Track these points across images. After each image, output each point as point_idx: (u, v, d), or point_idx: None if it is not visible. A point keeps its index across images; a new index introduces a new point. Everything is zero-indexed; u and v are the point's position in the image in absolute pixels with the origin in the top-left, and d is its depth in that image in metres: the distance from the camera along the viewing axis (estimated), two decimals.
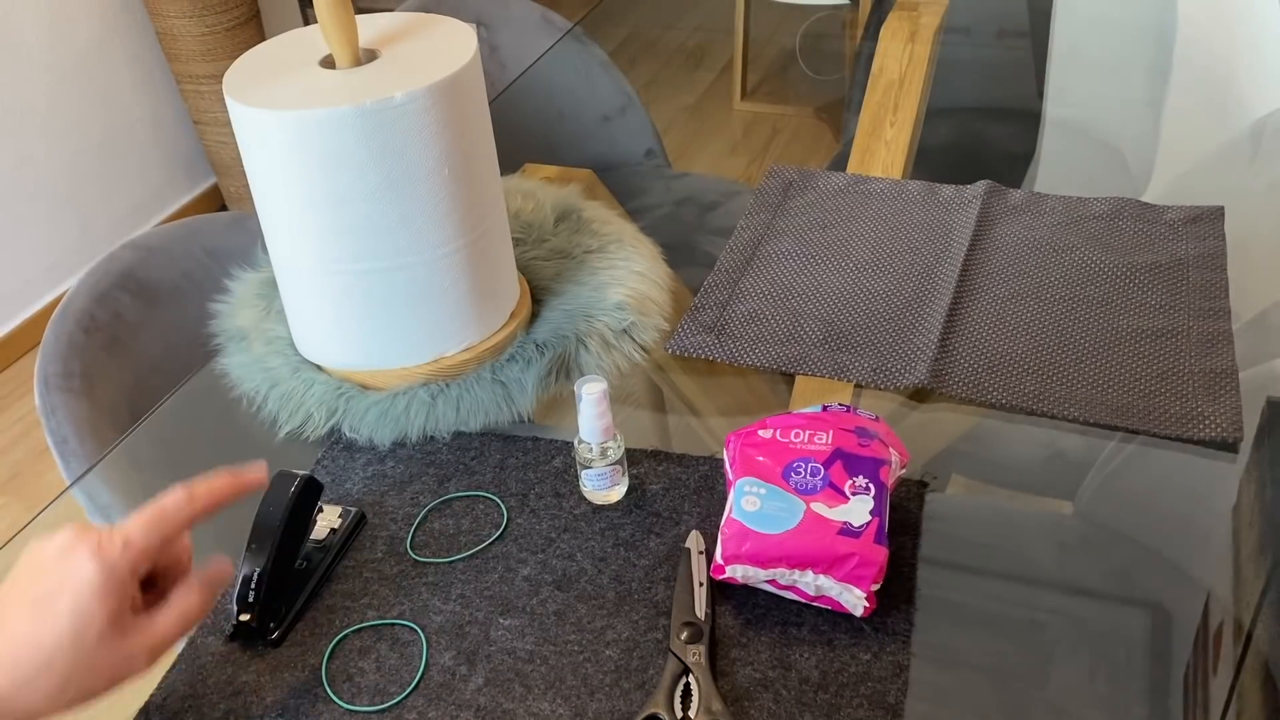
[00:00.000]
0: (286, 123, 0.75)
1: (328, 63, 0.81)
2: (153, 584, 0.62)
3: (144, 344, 1.11)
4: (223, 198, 2.88)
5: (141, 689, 0.68)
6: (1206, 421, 0.80)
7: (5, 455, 2.18)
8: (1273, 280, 1.01)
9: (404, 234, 0.80)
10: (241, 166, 0.80)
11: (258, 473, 0.64)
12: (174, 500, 0.60)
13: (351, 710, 0.65)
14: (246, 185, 0.82)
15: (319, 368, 0.89)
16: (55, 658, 0.54)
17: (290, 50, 0.84)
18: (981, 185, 1.11)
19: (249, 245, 1.07)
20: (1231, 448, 0.79)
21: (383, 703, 0.65)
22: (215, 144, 2.72)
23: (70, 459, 0.96)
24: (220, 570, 0.63)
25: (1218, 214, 1.04)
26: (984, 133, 1.56)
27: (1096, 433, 0.83)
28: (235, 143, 0.81)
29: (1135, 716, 0.64)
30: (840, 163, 1.27)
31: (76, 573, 0.55)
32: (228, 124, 2.57)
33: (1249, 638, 0.67)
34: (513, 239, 0.94)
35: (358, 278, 0.82)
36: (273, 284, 0.96)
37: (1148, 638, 0.68)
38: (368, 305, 0.83)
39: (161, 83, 2.72)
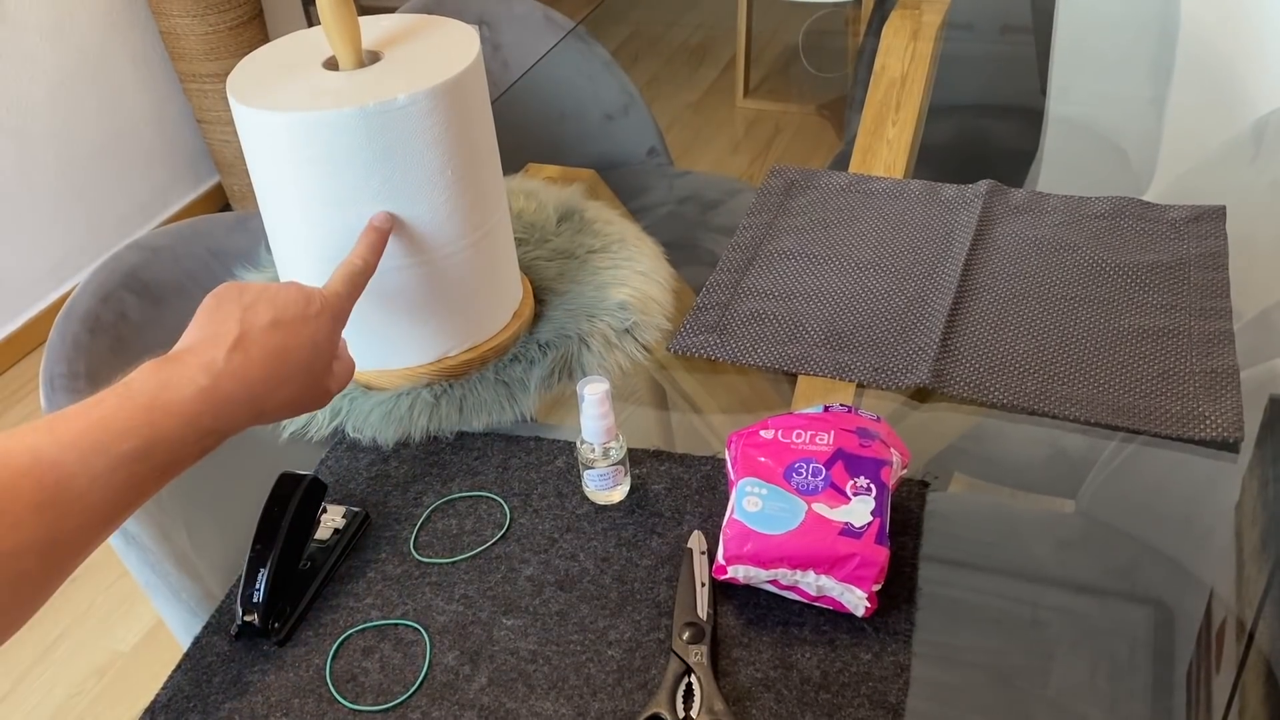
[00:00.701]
0: (290, 124, 0.76)
1: (331, 64, 0.82)
2: None
3: (149, 344, 1.11)
4: (226, 196, 2.89)
5: (147, 689, 0.68)
6: (1207, 422, 0.81)
7: None
8: (1274, 279, 1.01)
9: (407, 235, 0.81)
10: (245, 165, 0.81)
11: (385, 220, 0.79)
12: (353, 265, 0.75)
13: (356, 710, 0.65)
14: (250, 184, 0.83)
15: None
16: (299, 373, 0.67)
17: (293, 52, 0.84)
18: (983, 185, 1.11)
19: (253, 246, 1.07)
20: (1232, 448, 0.80)
21: (386, 702, 0.66)
22: (219, 143, 2.72)
23: None
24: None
25: (1219, 213, 1.04)
26: (987, 130, 1.56)
27: (1098, 431, 0.83)
28: (239, 141, 0.81)
29: (1137, 715, 0.64)
30: (843, 161, 1.28)
31: (317, 320, 0.69)
32: (231, 123, 2.57)
33: (1251, 636, 0.67)
34: (515, 239, 0.95)
35: None
36: None
37: (1150, 636, 0.68)
38: (371, 305, 0.84)
39: (165, 82, 2.72)
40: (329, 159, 0.76)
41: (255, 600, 0.69)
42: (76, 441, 0.57)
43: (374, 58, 0.82)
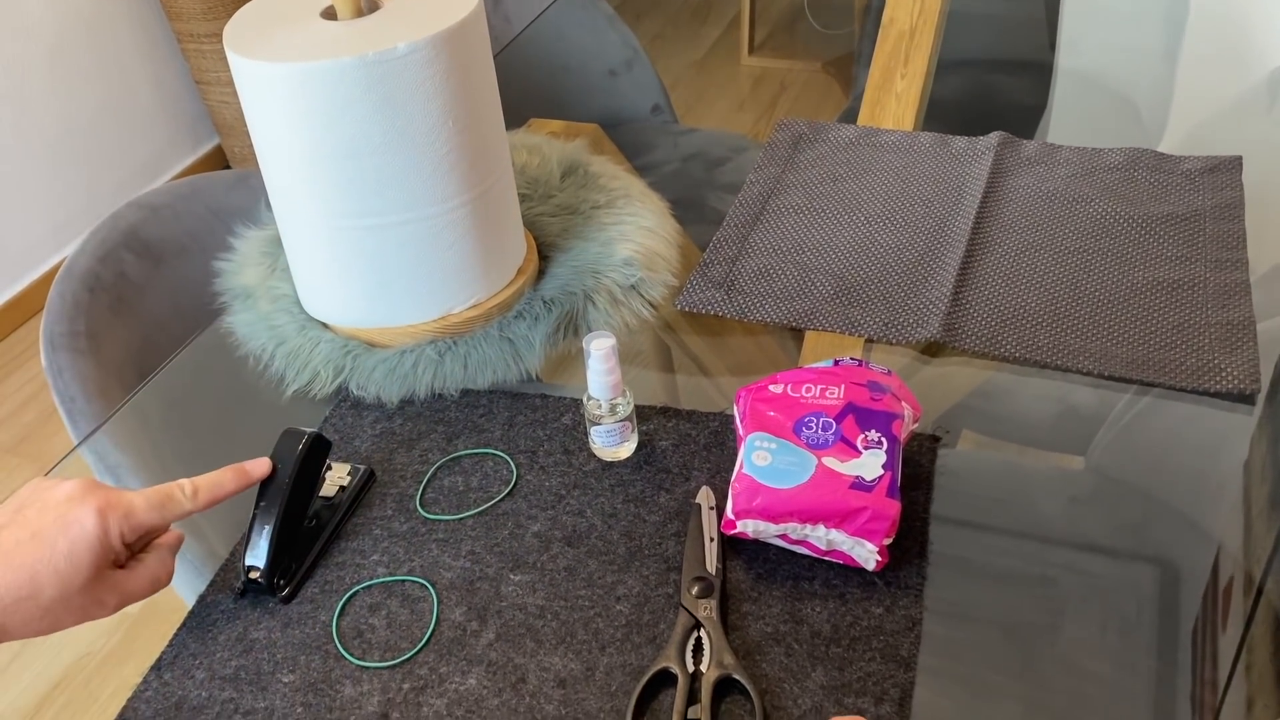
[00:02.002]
0: (288, 75, 0.74)
1: (329, 14, 0.80)
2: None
3: (149, 303, 1.10)
4: (226, 159, 2.87)
5: (154, 647, 0.68)
6: (1223, 373, 0.79)
7: (16, 417, 2.18)
8: None
9: (408, 189, 0.79)
10: (245, 127, 0.79)
11: (261, 468, 0.70)
12: (180, 491, 0.66)
13: (363, 666, 0.65)
14: (250, 146, 0.82)
15: (325, 325, 0.89)
16: (43, 589, 0.60)
17: (291, 2, 0.83)
18: (995, 137, 1.10)
19: (252, 203, 1.06)
20: (1248, 399, 0.79)
21: (394, 658, 0.65)
22: (218, 104, 2.70)
23: (78, 418, 0.96)
24: (178, 538, 0.69)
25: (1236, 164, 1.02)
26: (995, 84, 1.54)
27: (1108, 387, 0.82)
28: (238, 103, 0.80)
29: (1145, 670, 0.63)
30: (850, 117, 1.26)
31: (80, 524, 0.61)
32: (230, 84, 2.54)
33: (1260, 592, 0.67)
34: (519, 194, 0.93)
35: (362, 233, 0.81)
36: (277, 241, 0.96)
37: (1159, 592, 0.68)
38: (373, 261, 0.82)
39: (163, 42, 2.69)
40: (328, 110, 0.75)
41: (260, 557, 0.69)
42: None
43: (373, 7, 0.80)
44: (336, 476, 0.77)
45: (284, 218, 0.85)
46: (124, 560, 0.64)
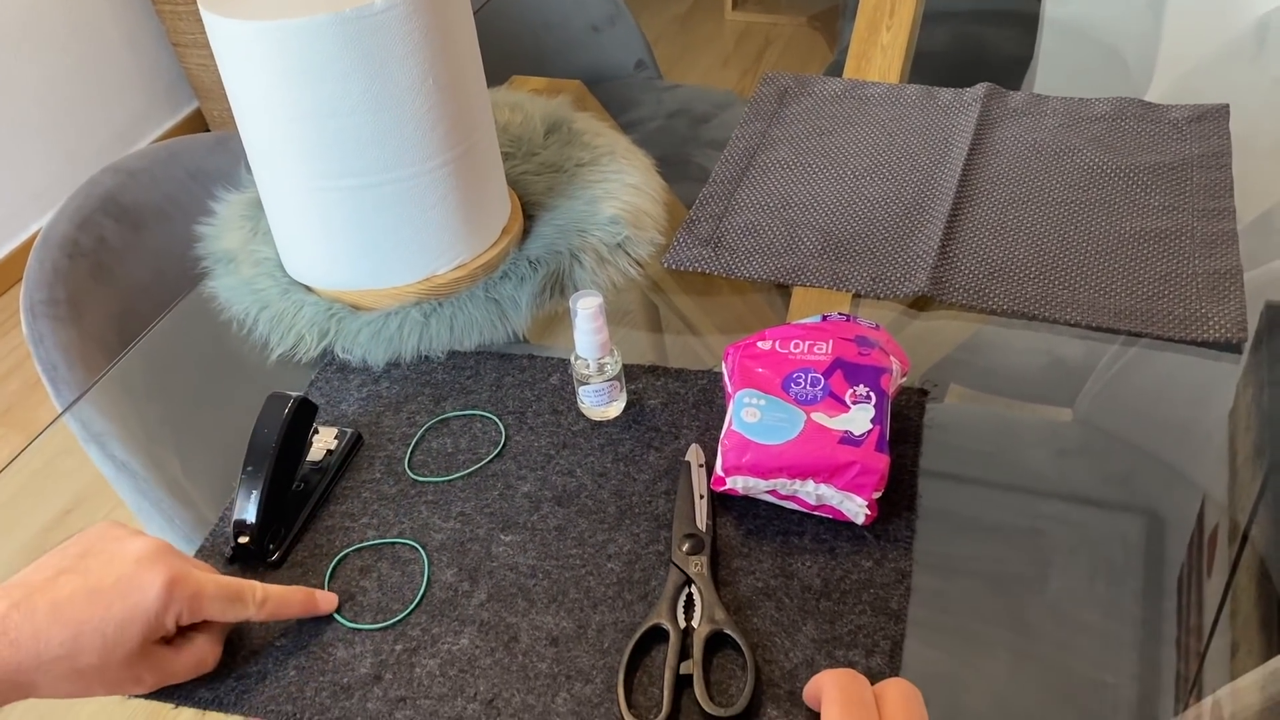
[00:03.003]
0: (264, 33, 0.73)
1: None
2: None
3: (130, 269, 1.09)
4: (206, 122, 2.83)
5: None
6: (1210, 323, 0.79)
7: (0, 387, 2.17)
8: (1276, 180, 0.99)
9: (390, 148, 0.78)
10: (224, 90, 0.78)
11: (329, 603, 0.66)
12: (252, 595, 0.62)
13: (355, 628, 0.65)
14: (230, 109, 0.80)
15: (309, 289, 0.88)
16: (83, 653, 0.56)
17: None
18: (981, 88, 1.09)
19: (232, 166, 1.04)
20: (1235, 348, 0.79)
21: (386, 620, 0.65)
22: (196, 67, 2.66)
23: (61, 386, 0.95)
24: (231, 624, 0.65)
25: (1222, 112, 1.01)
26: (981, 36, 1.53)
27: (1096, 339, 0.82)
28: (216, 66, 0.78)
29: (1132, 618, 0.64)
30: (835, 71, 1.24)
31: (142, 592, 0.57)
32: (208, 46, 2.50)
33: (1245, 539, 0.67)
34: (502, 153, 0.92)
35: (344, 194, 0.80)
36: (258, 204, 0.94)
37: (1145, 541, 0.68)
38: (355, 223, 0.81)
39: (137, 5, 2.64)
40: (305, 69, 0.74)
41: (248, 522, 0.68)
42: None
43: None
44: (324, 440, 0.76)
45: (264, 180, 0.84)
46: (172, 636, 0.61)
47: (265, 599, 0.62)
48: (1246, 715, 0.57)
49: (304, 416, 0.73)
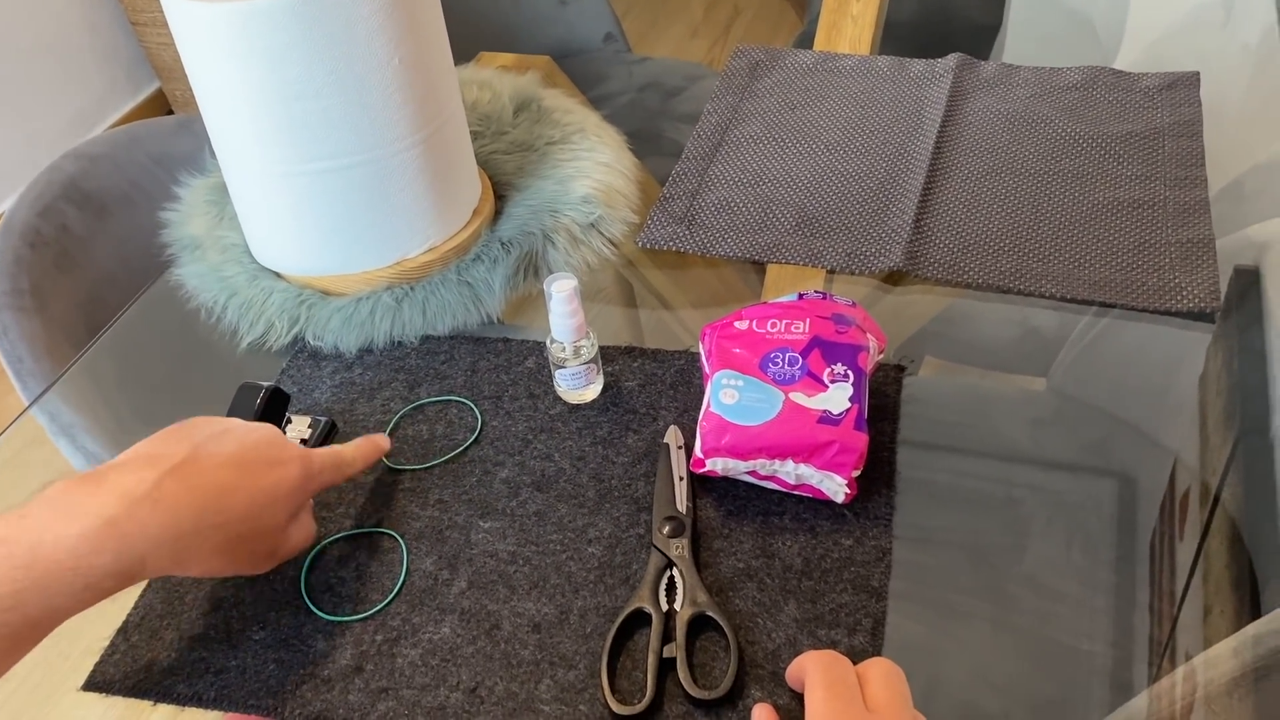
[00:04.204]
0: (225, 15, 0.71)
1: None
2: None
3: (95, 257, 1.07)
4: (168, 103, 2.78)
5: (118, 609, 0.67)
6: (1184, 292, 0.80)
7: None
8: (1245, 147, 0.99)
9: (357, 130, 0.77)
10: (185, 67, 0.76)
11: (386, 442, 0.71)
12: (348, 456, 0.66)
13: (333, 620, 0.65)
14: (193, 89, 0.78)
15: (278, 275, 0.87)
16: (239, 522, 0.57)
17: None
18: (953, 59, 1.08)
19: (196, 150, 1.02)
20: (1208, 318, 0.79)
21: (365, 610, 0.65)
22: (156, 46, 2.60)
23: (27, 379, 0.94)
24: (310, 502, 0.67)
25: (1193, 80, 1.02)
26: (950, 4, 1.52)
27: (1069, 309, 0.82)
28: (175, 42, 0.77)
29: (1106, 584, 0.65)
30: (806, 41, 1.23)
31: (285, 467, 0.60)
32: (168, 24, 2.46)
33: (1216, 502, 0.68)
34: (471, 132, 0.91)
35: (311, 178, 0.79)
36: (223, 189, 0.93)
37: (1118, 507, 0.69)
38: (323, 207, 0.80)
39: None
40: (268, 52, 0.72)
41: None
42: None
43: None
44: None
45: (229, 165, 0.82)
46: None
47: (354, 458, 0.67)
48: (1221, 681, 0.58)
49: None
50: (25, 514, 0.52)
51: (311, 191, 0.79)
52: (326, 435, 0.76)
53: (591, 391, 0.77)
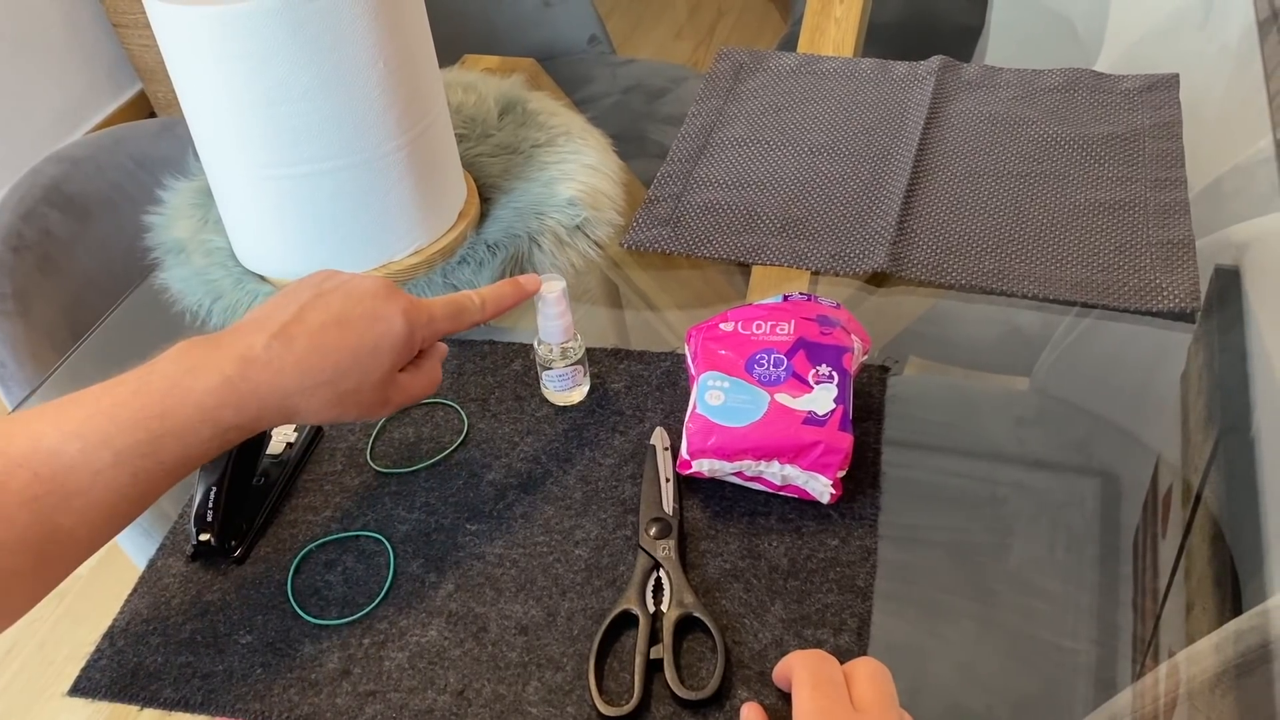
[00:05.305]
0: (208, 19, 0.71)
1: None
2: None
3: (78, 261, 1.07)
4: (151, 105, 2.77)
5: (103, 614, 0.67)
6: (1164, 293, 0.81)
7: None
8: (1224, 148, 1.00)
9: (341, 133, 0.77)
10: (168, 71, 0.76)
11: (533, 283, 0.70)
12: (470, 301, 0.67)
13: (320, 624, 0.64)
14: (175, 91, 0.78)
15: (263, 278, 0.86)
16: (344, 378, 0.59)
17: None
18: (935, 61, 1.09)
19: (180, 153, 1.02)
20: (1189, 318, 0.80)
21: (352, 614, 0.65)
22: (138, 48, 2.59)
23: (10, 384, 0.93)
24: (444, 351, 0.69)
25: (1173, 81, 1.02)
26: (933, 6, 1.53)
27: (1052, 308, 0.83)
28: (159, 47, 0.76)
29: (1090, 582, 0.65)
30: (790, 43, 1.24)
31: (388, 320, 0.61)
32: (150, 26, 2.44)
33: (1198, 499, 0.68)
34: (456, 135, 0.91)
35: (295, 182, 0.79)
36: (208, 192, 0.92)
37: (1101, 505, 0.70)
38: (308, 211, 0.80)
39: None
40: (252, 55, 0.72)
41: (209, 519, 0.68)
42: (81, 430, 0.52)
43: None
44: (283, 433, 0.75)
45: (213, 168, 0.82)
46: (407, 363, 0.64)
47: (484, 300, 0.67)
48: (1203, 677, 0.59)
49: None
50: (153, 369, 0.56)
51: (296, 194, 0.79)
52: (312, 439, 0.76)
53: (578, 393, 0.77)
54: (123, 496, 0.54)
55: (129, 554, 0.86)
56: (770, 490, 0.68)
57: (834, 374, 0.67)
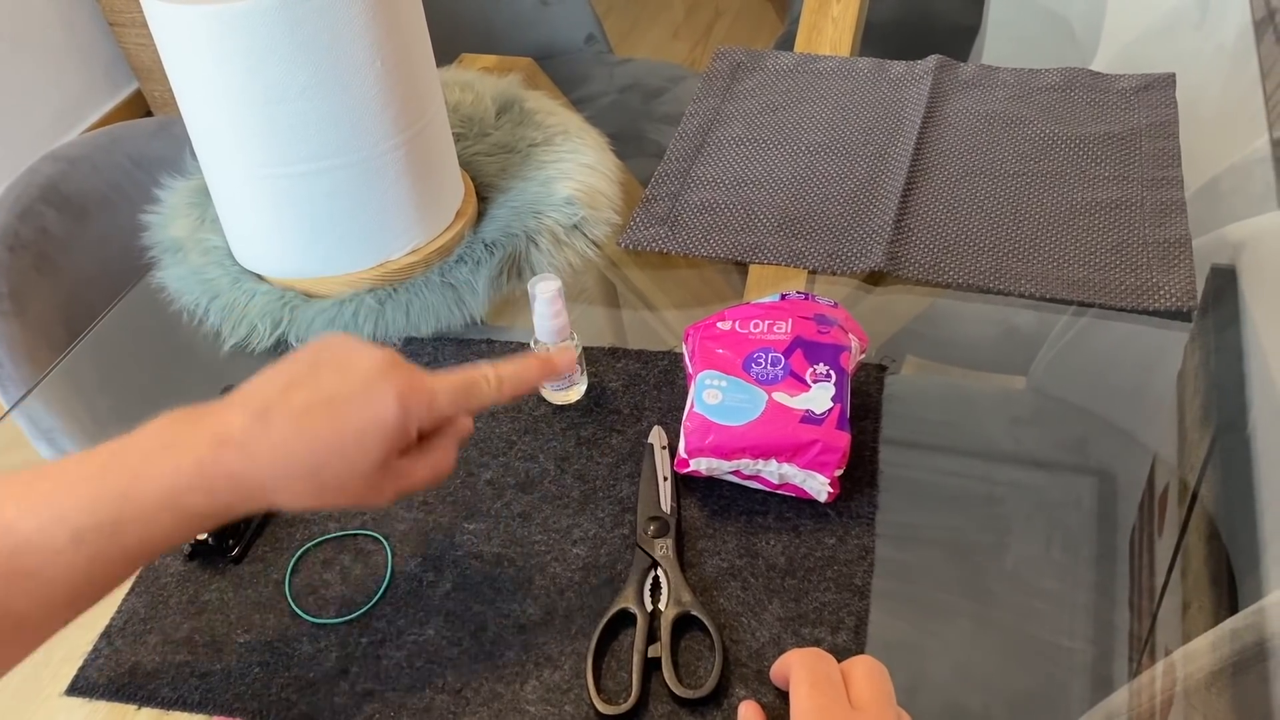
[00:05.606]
0: (206, 18, 0.71)
1: None
2: None
3: (75, 260, 1.07)
4: (147, 104, 2.76)
5: (100, 613, 0.66)
6: (1161, 292, 0.81)
7: None
8: (1220, 147, 1.00)
9: (339, 132, 0.77)
10: (165, 70, 0.76)
11: (566, 358, 0.64)
12: (485, 380, 0.59)
13: (318, 623, 0.64)
14: (172, 90, 0.78)
15: (260, 277, 0.86)
16: (324, 467, 0.54)
17: None
18: (932, 60, 1.09)
19: (177, 152, 1.02)
20: (1185, 317, 0.80)
21: (350, 613, 0.65)
22: (135, 46, 2.59)
23: (6, 383, 0.93)
24: (467, 429, 0.62)
25: (1169, 81, 1.03)
26: (930, 6, 1.53)
27: (1048, 307, 0.83)
28: (156, 46, 0.76)
29: (1086, 581, 0.65)
30: (787, 43, 1.24)
31: (380, 405, 0.54)
32: (146, 25, 2.44)
33: (1194, 498, 0.69)
34: (453, 134, 0.91)
35: (293, 181, 0.79)
36: (205, 191, 0.92)
37: (1098, 504, 0.70)
38: (305, 210, 0.80)
39: None
40: (250, 54, 0.72)
41: None
42: (42, 505, 0.49)
43: None
44: None
45: (210, 167, 0.82)
46: (409, 447, 0.58)
47: (501, 380, 0.59)
48: (1199, 676, 0.59)
49: None
50: (130, 442, 0.52)
51: (294, 193, 0.79)
52: None
53: (575, 392, 0.77)
54: (82, 578, 0.50)
55: None
56: (768, 489, 0.69)
57: (831, 373, 0.68)
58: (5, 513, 0.49)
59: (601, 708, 0.58)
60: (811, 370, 0.68)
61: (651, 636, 0.61)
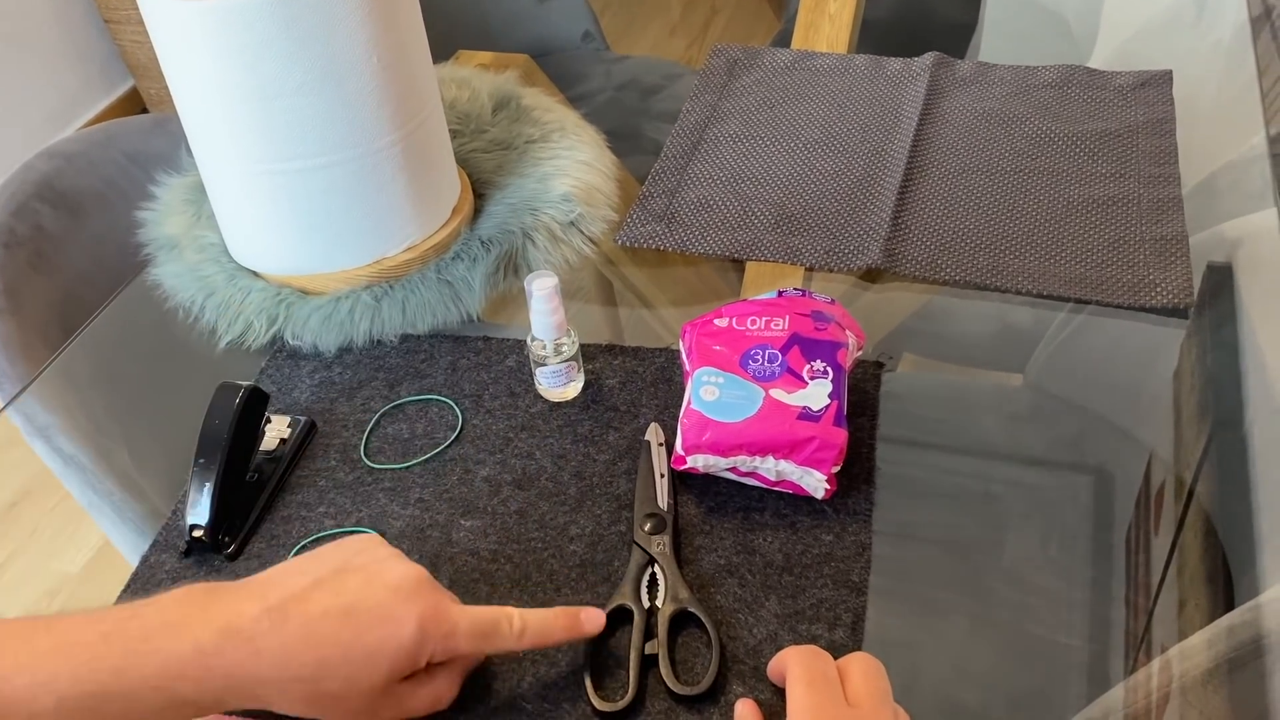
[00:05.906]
0: (202, 14, 0.70)
1: None
2: None
3: (70, 257, 1.06)
4: (143, 101, 2.76)
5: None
6: (1157, 289, 0.81)
7: None
8: (1217, 144, 1.00)
9: (335, 129, 0.77)
10: (160, 68, 0.76)
11: (594, 623, 0.59)
12: (508, 625, 0.56)
13: None
14: (168, 87, 0.78)
15: (256, 274, 0.86)
16: (325, 679, 0.52)
17: None
18: (929, 57, 1.09)
19: (172, 149, 1.02)
20: (1182, 314, 0.80)
21: None
22: (131, 44, 2.58)
23: (1, 381, 0.93)
24: (469, 663, 0.59)
25: (1166, 78, 1.03)
26: (926, 3, 1.53)
27: (1045, 305, 0.83)
28: (151, 42, 0.76)
29: (1083, 578, 0.65)
30: (783, 40, 1.24)
31: (398, 626, 0.53)
32: (141, 22, 2.43)
33: (1190, 496, 0.69)
34: (450, 131, 0.91)
35: (289, 177, 0.78)
36: (201, 188, 0.92)
37: (1094, 501, 0.70)
38: (301, 206, 0.80)
39: None
40: (245, 50, 0.72)
41: (203, 515, 0.67)
42: (38, 664, 0.48)
43: None
44: (277, 429, 0.75)
45: (206, 164, 0.82)
46: (416, 672, 0.56)
47: (524, 629, 0.56)
48: (1196, 673, 0.59)
49: (255, 406, 0.71)
50: (141, 611, 0.51)
51: (290, 190, 0.79)
52: (306, 435, 0.76)
53: (572, 389, 0.77)
54: None
55: (122, 551, 0.86)
56: (765, 486, 0.68)
57: (828, 369, 0.67)
58: (3, 664, 0.48)
59: (599, 704, 0.58)
60: (808, 367, 0.68)
61: (649, 633, 0.61)
